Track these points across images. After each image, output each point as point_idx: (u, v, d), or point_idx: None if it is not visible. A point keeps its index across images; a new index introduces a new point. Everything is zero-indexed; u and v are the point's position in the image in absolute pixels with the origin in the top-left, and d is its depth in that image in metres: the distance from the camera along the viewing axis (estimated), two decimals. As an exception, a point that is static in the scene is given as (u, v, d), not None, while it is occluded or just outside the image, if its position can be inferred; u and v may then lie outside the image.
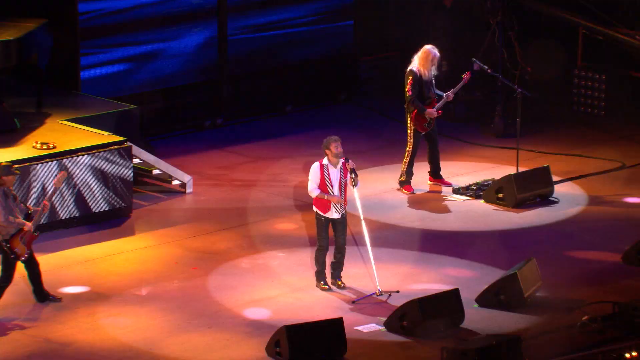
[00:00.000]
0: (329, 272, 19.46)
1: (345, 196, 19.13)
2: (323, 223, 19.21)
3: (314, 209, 19.22)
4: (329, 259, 19.42)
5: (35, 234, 18.58)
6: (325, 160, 19.03)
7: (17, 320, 18.62)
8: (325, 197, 19.01)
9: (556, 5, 25.51)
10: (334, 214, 19.13)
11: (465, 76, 22.54)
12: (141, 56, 24.51)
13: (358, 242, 19.69)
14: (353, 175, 19.00)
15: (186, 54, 24.94)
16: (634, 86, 24.96)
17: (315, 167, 19.07)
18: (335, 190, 19.00)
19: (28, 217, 18.55)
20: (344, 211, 19.20)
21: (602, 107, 25.51)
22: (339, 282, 19.45)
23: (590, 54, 25.65)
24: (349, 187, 19.11)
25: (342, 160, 18.99)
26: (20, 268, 18.71)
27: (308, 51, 26.05)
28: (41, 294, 18.96)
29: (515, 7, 25.34)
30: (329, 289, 19.41)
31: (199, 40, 25.04)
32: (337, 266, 19.43)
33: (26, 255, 18.50)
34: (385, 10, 27.07)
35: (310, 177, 19.12)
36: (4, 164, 18.88)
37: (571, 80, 25.79)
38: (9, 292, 19.06)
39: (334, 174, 19.01)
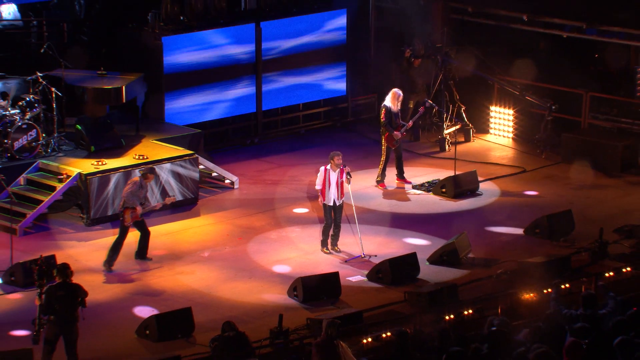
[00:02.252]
0: (329, 242, 19.57)
1: (342, 191, 19.24)
2: (327, 209, 19.32)
3: (320, 199, 19.33)
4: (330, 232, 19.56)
5: (140, 217, 18.70)
6: (329, 166, 19.17)
7: (124, 272, 18.79)
8: (318, 194, 19.29)
9: (476, 66, 25.53)
10: (331, 202, 19.26)
11: (421, 110, 22.63)
12: (206, 97, 24.56)
13: (350, 220, 19.73)
14: (348, 176, 19.15)
15: (236, 95, 24.99)
16: (532, 118, 24.94)
17: (321, 170, 19.24)
18: (333, 188, 19.14)
19: (142, 204, 18.70)
20: (340, 201, 19.33)
21: (511, 132, 25.49)
22: (336, 248, 19.53)
23: (502, 96, 25.64)
24: (345, 184, 19.24)
25: (340, 168, 19.12)
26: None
27: (316, 94, 26.00)
28: (141, 254, 19.07)
29: (455, 67, 25.36)
30: (330, 253, 19.49)
31: (245, 88, 25.04)
32: (335, 237, 19.51)
33: (127, 225, 18.60)
34: (367, 66, 27.05)
35: (318, 176, 19.27)
36: (150, 166, 19.23)
37: (489, 113, 25.76)
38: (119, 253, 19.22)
39: (333, 176, 19.16)
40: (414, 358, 13.16)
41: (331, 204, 19.24)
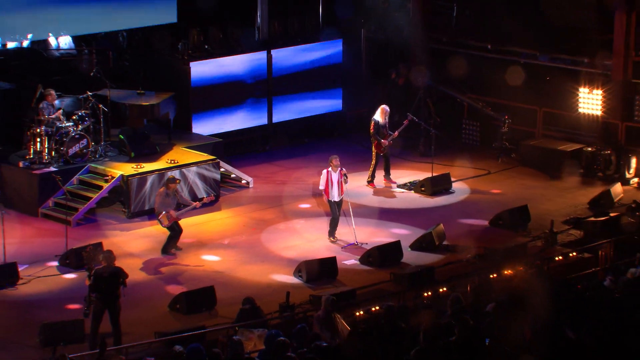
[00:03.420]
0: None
1: (342, 189, 19.15)
2: (332, 204, 19.21)
3: (325, 196, 19.23)
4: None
5: (178, 217, 18.59)
6: (329, 168, 19.09)
7: (159, 259, 18.73)
8: (323, 193, 19.15)
9: (447, 86, 25.50)
10: (334, 198, 19.15)
11: (405, 122, 22.56)
12: (226, 111, 24.49)
13: (345, 214, 19.63)
14: (345, 177, 19.07)
15: (251, 110, 24.93)
16: (493, 129, 24.87)
17: (324, 172, 19.15)
18: (335, 186, 19.06)
19: (178, 206, 18.63)
20: (341, 197, 19.22)
21: (477, 140, 25.44)
22: (335, 237, 19.45)
23: (470, 111, 25.60)
24: (343, 184, 19.16)
25: (339, 168, 19.05)
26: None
27: (317, 108, 25.96)
28: (167, 250, 18.88)
29: (431, 86, 25.33)
30: (335, 242, 19.33)
31: (258, 104, 25.01)
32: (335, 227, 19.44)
33: (166, 226, 18.51)
34: (359, 85, 26.99)
35: (321, 178, 19.18)
36: (170, 177, 19.09)
37: (461, 126, 25.71)
38: (154, 241, 19.12)
39: (335, 176, 19.09)
40: (398, 327, 13.08)
41: (335, 199, 19.15)
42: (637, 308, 12.02)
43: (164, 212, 18.43)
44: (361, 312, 15.87)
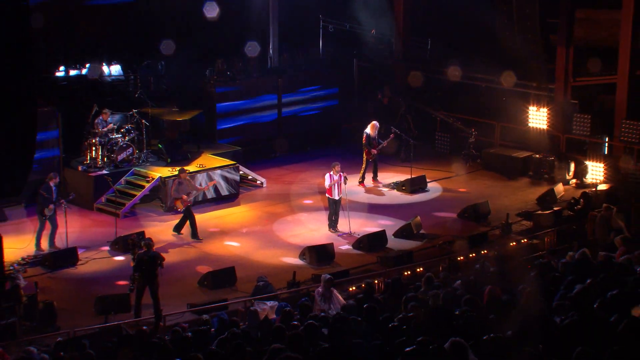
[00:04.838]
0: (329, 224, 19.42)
1: (341, 188, 19.09)
2: (331, 202, 19.17)
3: (327, 195, 19.18)
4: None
5: (190, 201, 18.60)
6: (331, 172, 19.04)
7: (190, 244, 18.69)
8: (326, 192, 19.10)
9: (424, 104, 25.47)
10: (335, 197, 19.11)
11: (392, 136, 22.55)
12: (244, 125, 24.47)
13: (343, 208, 19.60)
14: (345, 179, 19.02)
15: (264, 123, 24.90)
16: (461, 140, 24.83)
17: (327, 176, 19.09)
18: (335, 187, 18.98)
19: (189, 194, 18.66)
20: (341, 196, 19.17)
21: (448, 149, 25.40)
22: (335, 229, 19.40)
23: (443, 125, 25.58)
24: (343, 184, 19.10)
25: (339, 173, 18.99)
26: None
27: (317, 122, 25.92)
28: (195, 234, 18.93)
29: (411, 105, 25.30)
30: (334, 232, 19.28)
31: (269, 119, 24.98)
32: (335, 221, 19.36)
33: (181, 210, 18.52)
34: (352, 104, 26.96)
35: (325, 180, 19.10)
36: (180, 168, 19.12)
37: (435, 137, 25.68)
38: (186, 230, 19.01)
39: (335, 179, 19.02)
40: (375, 299, 13.08)
41: (335, 198, 19.12)
42: (575, 283, 12.01)
43: (177, 198, 18.50)
44: (353, 288, 15.87)
